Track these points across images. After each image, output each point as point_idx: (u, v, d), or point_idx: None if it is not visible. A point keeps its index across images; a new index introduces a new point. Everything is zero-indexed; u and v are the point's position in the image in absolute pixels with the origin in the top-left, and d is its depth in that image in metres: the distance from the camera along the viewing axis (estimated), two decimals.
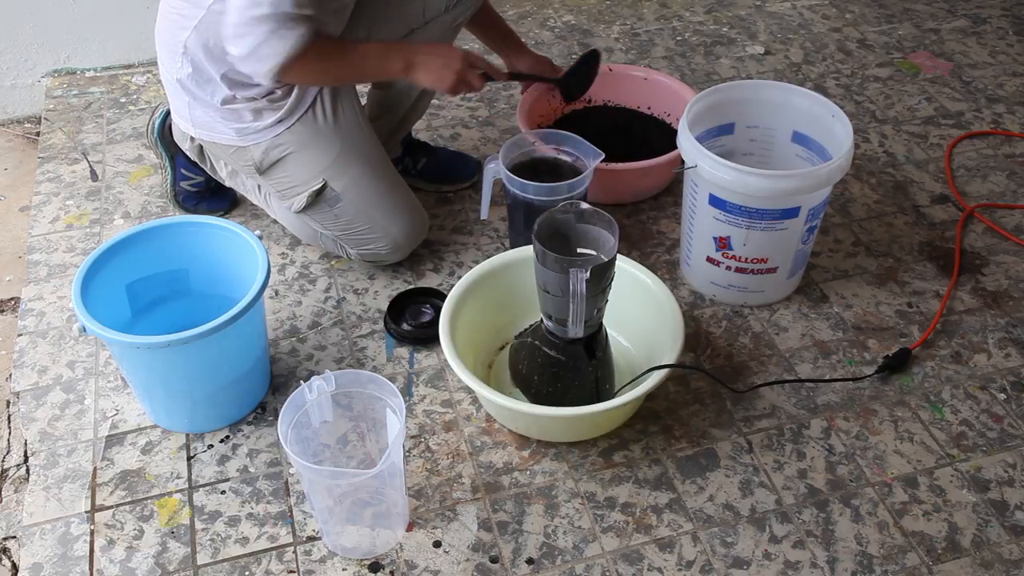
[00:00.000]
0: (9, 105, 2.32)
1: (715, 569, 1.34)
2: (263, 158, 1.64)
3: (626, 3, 2.68)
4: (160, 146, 1.85)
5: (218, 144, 1.67)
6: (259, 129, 1.61)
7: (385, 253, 1.72)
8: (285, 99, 1.60)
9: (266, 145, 1.62)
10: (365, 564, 1.35)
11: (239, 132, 1.62)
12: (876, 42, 2.51)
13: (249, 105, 1.60)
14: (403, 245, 1.72)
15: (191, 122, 1.67)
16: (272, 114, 1.60)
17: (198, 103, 1.63)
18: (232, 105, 1.60)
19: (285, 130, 1.61)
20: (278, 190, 1.69)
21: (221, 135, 1.64)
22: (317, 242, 1.79)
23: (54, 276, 1.80)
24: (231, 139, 1.64)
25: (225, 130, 1.63)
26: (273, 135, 1.62)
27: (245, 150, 1.64)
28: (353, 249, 1.73)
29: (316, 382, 1.30)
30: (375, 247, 1.71)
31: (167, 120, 1.83)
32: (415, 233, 1.74)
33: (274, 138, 1.62)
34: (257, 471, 1.47)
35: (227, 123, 1.62)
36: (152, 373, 1.44)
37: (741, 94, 1.75)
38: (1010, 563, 1.35)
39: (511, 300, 1.61)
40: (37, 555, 1.36)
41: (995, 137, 2.17)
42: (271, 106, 1.60)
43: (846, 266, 1.83)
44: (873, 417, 1.55)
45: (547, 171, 1.71)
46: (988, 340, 1.69)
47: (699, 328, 1.71)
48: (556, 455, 1.49)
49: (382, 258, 1.74)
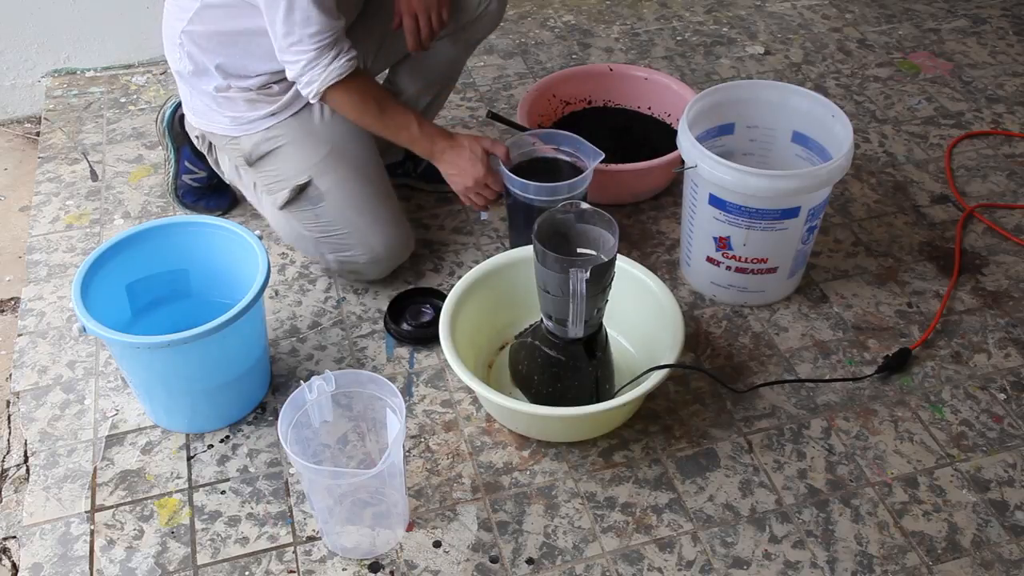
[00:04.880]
0: (9, 105, 2.32)
1: (715, 569, 1.34)
2: (253, 150, 1.65)
3: (626, 3, 2.68)
4: (167, 136, 1.86)
5: (215, 134, 1.69)
6: (252, 119, 1.64)
7: (363, 262, 1.68)
8: (281, 94, 1.62)
9: (258, 137, 1.64)
10: (365, 564, 1.35)
11: (233, 121, 1.65)
12: (876, 42, 2.51)
13: (243, 95, 1.62)
14: (382, 257, 1.68)
15: (192, 111, 1.70)
16: (266, 106, 1.63)
17: (196, 92, 1.66)
18: (227, 94, 1.63)
19: (277, 123, 1.63)
20: (265, 183, 1.69)
21: (217, 124, 1.67)
22: (299, 245, 1.76)
23: (54, 276, 1.80)
24: (225, 128, 1.66)
25: (220, 119, 1.66)
26: (265, 127, 1.64)
27: (237, 140, 1.66)
28: (332, 255, 1.69)
29: (316, 382, 1.30)
30: (353, 254, 1.67)
31: (177, 111, 1.85)
32: (396, 247, 1.69)
33: (266, 130, 1.64)
34: (257, 471, 1.47)
35: (222, 111, 1.65)
36: (152, 373, 1.44)
37: (741, 94, 1.75)
38: (1010, 563, 1.35)
39: (511, 300, 1.61)
40: (37, 555, 1.36)
41: (995, 137, 2.17)
42: (266, 98, 1.63)
43: (846, 266, 1.83)
44: (873, 417, 1.55)
45: (547, 171, 1.70)
46: (988, 340, 1.69)
47: (699, 328, 1.71)
48: (556, 455, 1.49)
49: (360, 268, 1.70)
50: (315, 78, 1.51)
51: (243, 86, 1.61)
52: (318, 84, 1.51)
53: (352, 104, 1.57)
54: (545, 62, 2.40)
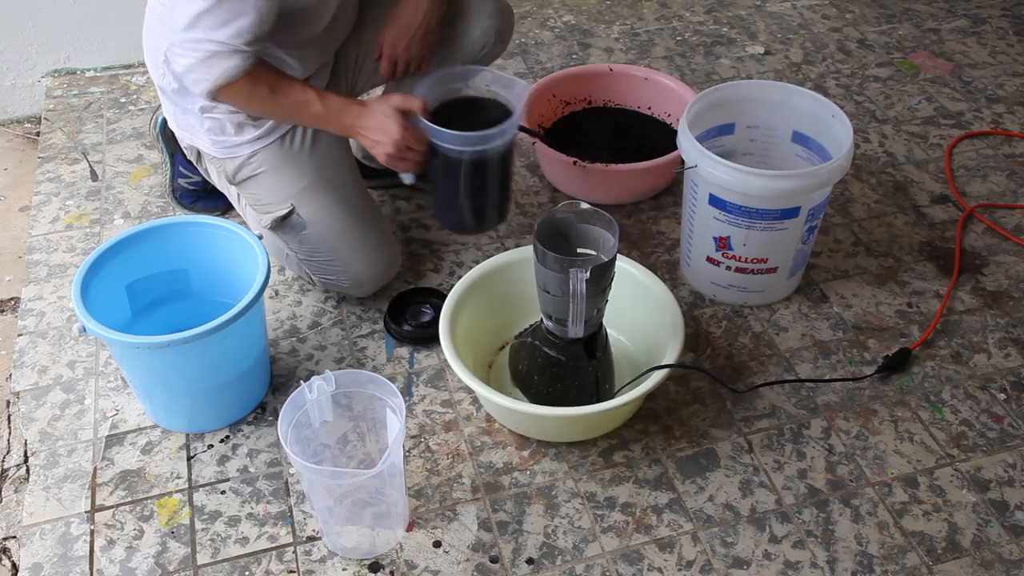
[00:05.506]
0: (9, 105, 2.32)
1: (715, 569, 1.34)
2: (236, 172, 1.62)
3: (626, 3, 2.68)
4: (161, 141, 1.86)
5: (200, 150, 1.66)
6: (237, 144, 1.59)
7: (347, 287, 1.67)
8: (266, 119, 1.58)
9: (240, 161, 1.60)
10: (365, 564, 1.35)
11: (216, 144, 1.61)
12: (876, 42, 2.51)
13: (229, 117, 1.57)
14: (365, 282, 1.66)
15: (177, 126, 1.67)
16: (253, 130, 1.58)
17: (180, 110, 1.63)
18: (212, 115, 1.58)
19: (261, 148, 1.59)
20: (250, 203, 1.67)
21: (200, 142, 1.63)
22: (284, 262, 1.73)
23: (54, 276, 1.80)
24: (208, 148, 1.62)
25: (204, 139, 1.62)
26: (249, 152, 1.59)
27: (221, 161, 1.63)
28: (316, 276, 1.68)
29: (316, 382, 1.30)
30: (336, 279, 1.66)
31: None
32: (379, 272, 1.66)
33: (249, 155, 1.59)
34: (257, 471, 1.47)
35: (207, 132, 1.60)
36: (152, 373, 1.44)
37: (741, 94, 1.75)
38: (1010, 563, 1.35)
39: (511, 300, 1.60)
40: (37, 555, 1.36)
41: (995, 137, 2.17)
42: (252, 122, 1.58)
43: (846, 266, 1.83)
44: (873, 417, 1.55)
45: (471, 114, 1.47)
46: (988, 340, 1.69)
47: (699, 328, 1.71)
48: (556, 455, 1.49)
49: (344, 291, 1.70)
50: (205, 76, 1.41)
51: (230, 109, 1.56)
52: (209, 83, 1.41)
53: (244, 94, 1.46)
54: (545, 62, 2.40)
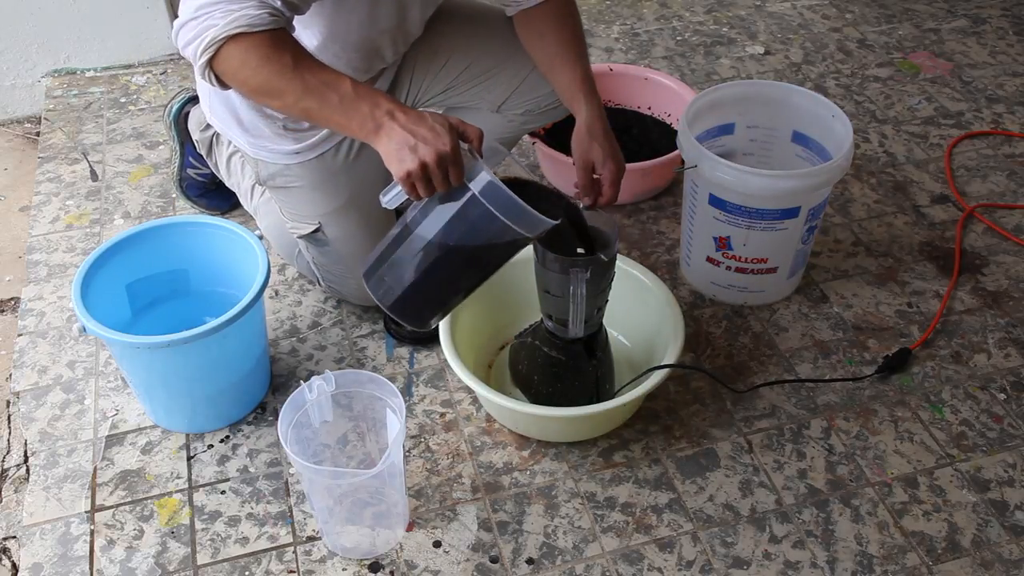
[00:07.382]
0: (9, 105, 2.32)
1: (715, 569, 1.34)
2: (268, 179, 1.56)
3: (626, 3, 2.68)
4: (174, 129, 1.85)
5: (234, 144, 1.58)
6: (271, 149, 1.51)
7: (353, 299, 1.68)
8: (311, 131, 1.48)
9: (274, 169, 1.53)
10: (365, 564, 1.35)
11: (251, 144, 1.52)
12: (876, 42, 2.51)
13: (269, 123, 1.48)
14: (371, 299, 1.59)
15: (211, 111, 1.57)
16: (291, 143, 1.49)
17: (219, 96, 1.52)
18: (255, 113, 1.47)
19: (298, 163, 1.51)
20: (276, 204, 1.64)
21: (235, 135, 1.53)
22: (293, 259, 1.72)
23: (54, 276, 1.80)
24: (241, 144, 1.53)
25: (240, 136, 1.52)
26: (284, 164, 1.51)
27: (253, 160, 1.55)
28: (324, 282, 1.68)
29: (316, 382, 1.30)
30: (344, 290, 1.66)
31: (185, 106, 1.84)
32: None
33: (284, 167, 1.52)
34: (257, 471, 1.47)
35: (242, 130, 1.51)
36: (152, 373, 1.44)
37: (741, 94, 1.75)
38: (1010, 563, 1.35)
39: (511, 300, 1.60)
40: (37, 555, 1.36)
41: (995, 137, 2.17)
42: (293, 133, 1.49)
43: (846, 266, 1.83)
44: (873, 417, 1.55)
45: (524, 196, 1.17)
46: (988, 340, 1.69)
47: (699, 328, 1.71)
48: (556, 455, 1.49)
49: (347, 300, 1.71)
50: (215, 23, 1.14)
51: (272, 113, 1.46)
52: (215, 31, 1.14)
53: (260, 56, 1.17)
54: None
